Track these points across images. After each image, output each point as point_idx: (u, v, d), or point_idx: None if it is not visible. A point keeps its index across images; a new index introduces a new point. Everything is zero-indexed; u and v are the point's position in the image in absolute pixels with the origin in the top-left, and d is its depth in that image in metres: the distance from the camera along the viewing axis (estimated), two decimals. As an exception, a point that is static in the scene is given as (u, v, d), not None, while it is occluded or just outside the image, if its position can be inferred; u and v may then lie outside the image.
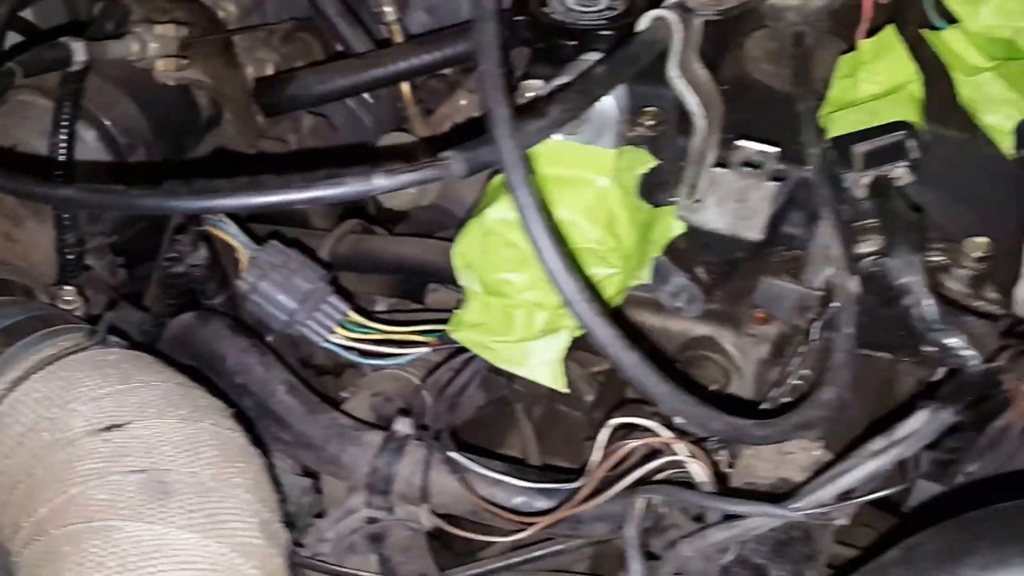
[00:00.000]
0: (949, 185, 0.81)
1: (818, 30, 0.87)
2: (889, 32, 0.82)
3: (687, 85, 0.78)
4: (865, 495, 0.65)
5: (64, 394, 0.75)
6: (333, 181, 0.57)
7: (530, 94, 0.85)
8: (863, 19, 0.83)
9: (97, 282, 1.15)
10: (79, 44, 0.96)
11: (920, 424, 0.63)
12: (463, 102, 1.17)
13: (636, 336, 0.85)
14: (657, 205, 0.87)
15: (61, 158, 0.96)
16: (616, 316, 0.89)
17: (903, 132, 0.75)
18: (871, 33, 0.84)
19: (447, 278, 0.95)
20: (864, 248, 0.72)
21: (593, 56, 0.82)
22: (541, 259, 0.60)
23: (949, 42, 0.81)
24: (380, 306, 1.18)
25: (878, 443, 0.64)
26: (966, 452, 0.65)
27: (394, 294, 1.14)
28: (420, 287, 1.09)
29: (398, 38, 1.12)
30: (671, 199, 0.86)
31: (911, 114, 0.77)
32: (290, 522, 0.98)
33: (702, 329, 0.96)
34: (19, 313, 0.84)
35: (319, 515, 0.99)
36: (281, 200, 0.59)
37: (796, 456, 0.84)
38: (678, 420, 0.70)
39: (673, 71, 0.77)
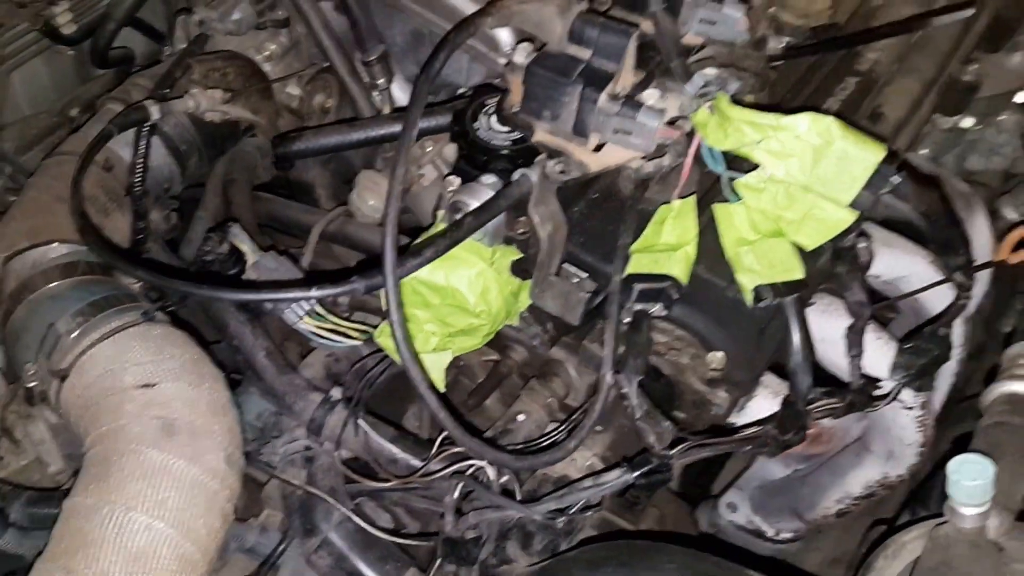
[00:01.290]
0: (712, 313, 1.17)
1: (660, 177, 1.23)
2: (690, 200, 1.17)
3: (539, 217, 1.17)
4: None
5: (122, 357, 1.19)
6: (278, 290, 0.98)
7: (450, 189, 1.26)
8: (680, 183, 1.19)
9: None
10: (155, 107, 1.36)
11: (611, 478, 1.05)
12: (428, 148, 1.56)
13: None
14: (525, 280, 1.27)
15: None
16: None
17: (668, 283, 1.11)
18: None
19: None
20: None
21: (490, 179, 1.21)
22: (400, 351, 1.01)
23: (732, 214, 1.16)
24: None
25: (587, 483, 1.07)
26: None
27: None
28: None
29: (386, 105, 1.52)
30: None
31: (680, 270, 1.11)
32: (263, 432, 1.44)
33: (558, 354, 1.39)
34: (102, 291, 1.29)
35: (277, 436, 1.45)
36: (243, 298, 1.00)
37: (577, 462, 1.27)
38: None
39: (531, 209, 1.16)
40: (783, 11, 1.49)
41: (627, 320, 1.11)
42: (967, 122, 1.73)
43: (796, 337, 1.11)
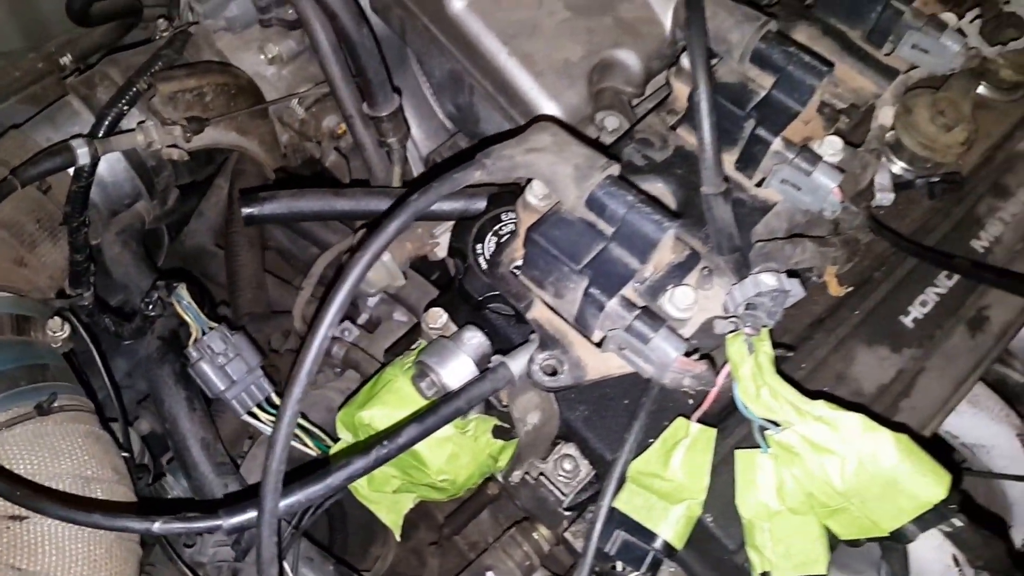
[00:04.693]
0: (718, 571, 0.95)
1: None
2: (709, 436, 0.90)
3: (519, 412, 0.92)
4: None
5: (-5, 466, 1.00)
6: (110, 514, 0.77)
7: (434, 325, 1.01)
8: (702, 407, 0.91)
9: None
10: (83, 149, 1.10)
11: None
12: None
13: None
14: (507, 441, 1.03)
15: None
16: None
17: (658, 546, 0.86)
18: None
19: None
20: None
21: (474, 337, 0.94)
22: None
23: (757, 468, 0.87)
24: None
25: None
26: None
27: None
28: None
29: (397, 166, 1.25)
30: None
31: (675, 534, 0.87)
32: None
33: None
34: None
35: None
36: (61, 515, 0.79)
37: None
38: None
39: (511, 402, 0.91)
40: (907, 134, 1.14)
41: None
42: None
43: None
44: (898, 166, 1.17)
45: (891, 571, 0.96)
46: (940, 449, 1.35)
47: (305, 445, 1.20)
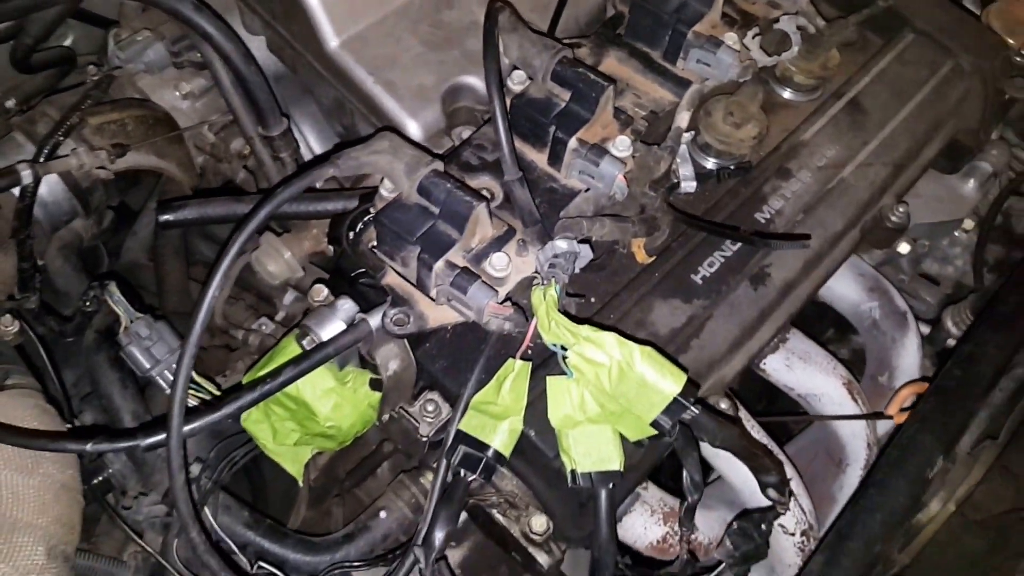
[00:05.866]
0: (543, 476, 1.19)
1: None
2: (525, 369, 1.15)
3: (381, 359, 1.17)
4: None
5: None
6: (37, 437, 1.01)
7: (318, 298, 1.26)
8: (522, 346, 1.17)
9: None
10: (27, 171, 1.34)
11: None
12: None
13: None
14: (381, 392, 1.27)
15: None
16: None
17: (490, 454, 1.11)
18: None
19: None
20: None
21: (346, 304, 1.20)
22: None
23: (565, 389, 1.10)
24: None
25: None
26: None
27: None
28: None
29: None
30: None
31: (502, 443, 1.11)
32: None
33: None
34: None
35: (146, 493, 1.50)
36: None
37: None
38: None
39: (373, 352, 1.16)
40: (707, 133, 1.42)
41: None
42: (904, 248, 1.67)
43: (602, 529, 1.11)
44: (710, 161, 1.45)
45: (689, 474, 1.21)
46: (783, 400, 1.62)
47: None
